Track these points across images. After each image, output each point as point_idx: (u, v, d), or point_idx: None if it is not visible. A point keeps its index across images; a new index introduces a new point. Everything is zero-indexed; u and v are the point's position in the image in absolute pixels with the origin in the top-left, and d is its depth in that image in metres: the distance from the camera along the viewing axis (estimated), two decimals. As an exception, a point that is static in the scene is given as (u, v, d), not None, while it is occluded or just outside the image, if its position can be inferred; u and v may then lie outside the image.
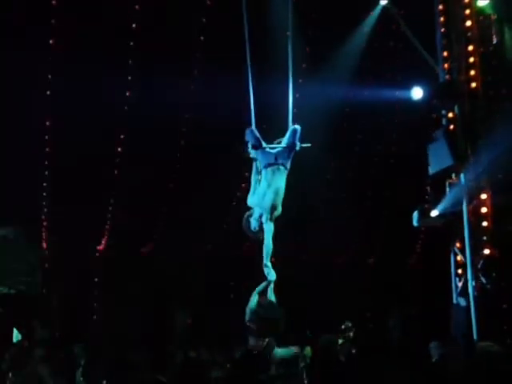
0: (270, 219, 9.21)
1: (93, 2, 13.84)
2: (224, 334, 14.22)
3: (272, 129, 9.76)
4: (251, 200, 9.30)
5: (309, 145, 9.37)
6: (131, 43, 14.38)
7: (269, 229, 9.18)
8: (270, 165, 9.29)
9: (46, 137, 14.53)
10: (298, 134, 9.41)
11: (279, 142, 9.43)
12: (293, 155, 9.35)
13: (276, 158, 9.31)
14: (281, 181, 9.26)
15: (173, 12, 14.33)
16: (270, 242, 9.13)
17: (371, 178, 17.07)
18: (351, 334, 13.74)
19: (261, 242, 9.18)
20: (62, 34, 13.92)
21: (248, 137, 9.42)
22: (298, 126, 9.46)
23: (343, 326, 13.89)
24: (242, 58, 9.48)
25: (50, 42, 13.99)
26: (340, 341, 12.24)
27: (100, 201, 15.16)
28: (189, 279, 15.92)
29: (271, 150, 9.38)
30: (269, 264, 9.11)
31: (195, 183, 15.45)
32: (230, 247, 15.55)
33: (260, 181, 9.31)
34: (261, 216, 9.22)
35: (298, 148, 9.35)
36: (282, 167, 9.30)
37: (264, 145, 9.36)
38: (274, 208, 9.19)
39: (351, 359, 9.87)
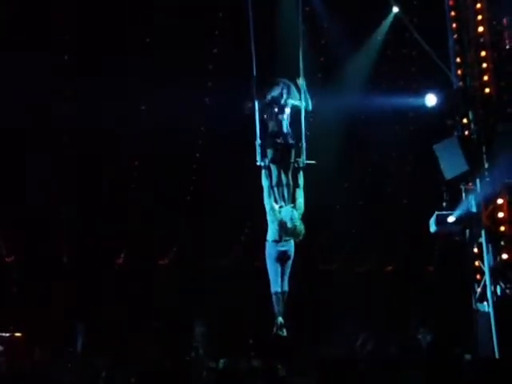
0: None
1: (104, 15, 14.06)
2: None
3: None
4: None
5: (314, 162, 9.54)
6: (143, 56, 14.55)
7: None
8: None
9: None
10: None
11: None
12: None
13: None
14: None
15: (183, 25, 14.51)
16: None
17: (387, 184, 17.09)
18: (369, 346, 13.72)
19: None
20: (74, 48, 14.17)
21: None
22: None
23: (359, 342, 13.91)
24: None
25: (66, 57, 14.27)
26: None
27: (116, 215, 15.25)
28: (206, 291, 15.94)
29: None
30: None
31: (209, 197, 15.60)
32: (246, 260, 15.60)
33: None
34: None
35: (302, 165, 9.64)
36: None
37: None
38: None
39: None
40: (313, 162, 9.60)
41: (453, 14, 13.40)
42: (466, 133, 12.89)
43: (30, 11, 13.74)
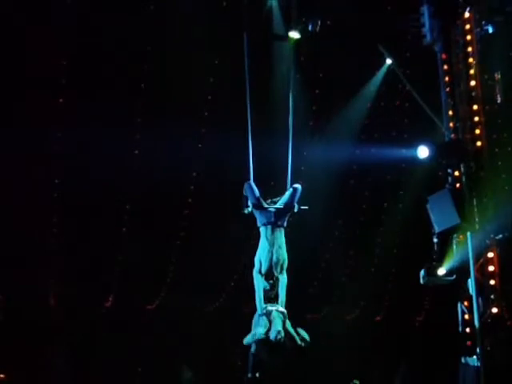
0: (281, 272, 9.22)
1: (102, 59, 14.12)
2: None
3: (281, 185, 9.82)
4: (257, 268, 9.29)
5: (306, 208, 9.43)
6: (139, 101, 14.57)
7: (283, 281, 9.20)
8: (268, 223, 9.32)
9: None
10: (298, 194, 9.44)
11: (275, 202, 9.45)
12: (290, 215, 9.41)
13: (274, 217, 9.33)
14: (281, 238, 9.28)
15: (179, 70, 14.56)
16: (284, 294, 9.14)
17: (378, 235, 17.09)
18: None
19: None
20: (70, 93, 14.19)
21: (247, 192, 9.45)
22: (299, 186, 9.50)
23: None
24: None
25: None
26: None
27: (105, 258, 15.16)
28: (194, 336, 15.82)
29: (270, 209, 9.39)
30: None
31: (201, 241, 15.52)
32: (236, 305, 15.48)
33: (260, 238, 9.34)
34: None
35: (296, 210, 9.41)
36: (280, 226, 9.34)
37: (263, 203, 9.39)
38: (282, 262, 9.21)
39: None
40: (306, 207, 9.52)
41: (445, 67, 13.55)
42: (458, 185, 12.93)
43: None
